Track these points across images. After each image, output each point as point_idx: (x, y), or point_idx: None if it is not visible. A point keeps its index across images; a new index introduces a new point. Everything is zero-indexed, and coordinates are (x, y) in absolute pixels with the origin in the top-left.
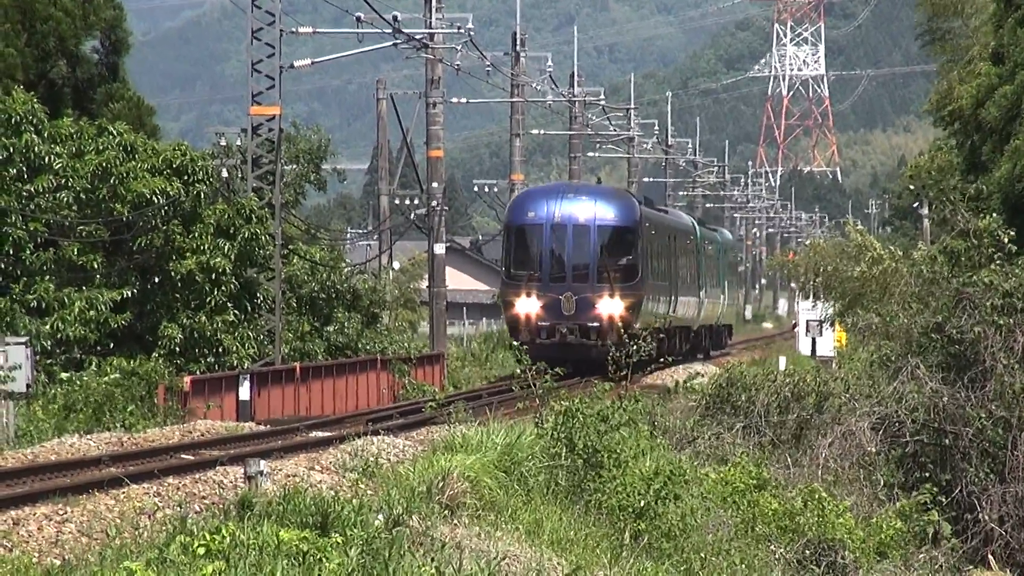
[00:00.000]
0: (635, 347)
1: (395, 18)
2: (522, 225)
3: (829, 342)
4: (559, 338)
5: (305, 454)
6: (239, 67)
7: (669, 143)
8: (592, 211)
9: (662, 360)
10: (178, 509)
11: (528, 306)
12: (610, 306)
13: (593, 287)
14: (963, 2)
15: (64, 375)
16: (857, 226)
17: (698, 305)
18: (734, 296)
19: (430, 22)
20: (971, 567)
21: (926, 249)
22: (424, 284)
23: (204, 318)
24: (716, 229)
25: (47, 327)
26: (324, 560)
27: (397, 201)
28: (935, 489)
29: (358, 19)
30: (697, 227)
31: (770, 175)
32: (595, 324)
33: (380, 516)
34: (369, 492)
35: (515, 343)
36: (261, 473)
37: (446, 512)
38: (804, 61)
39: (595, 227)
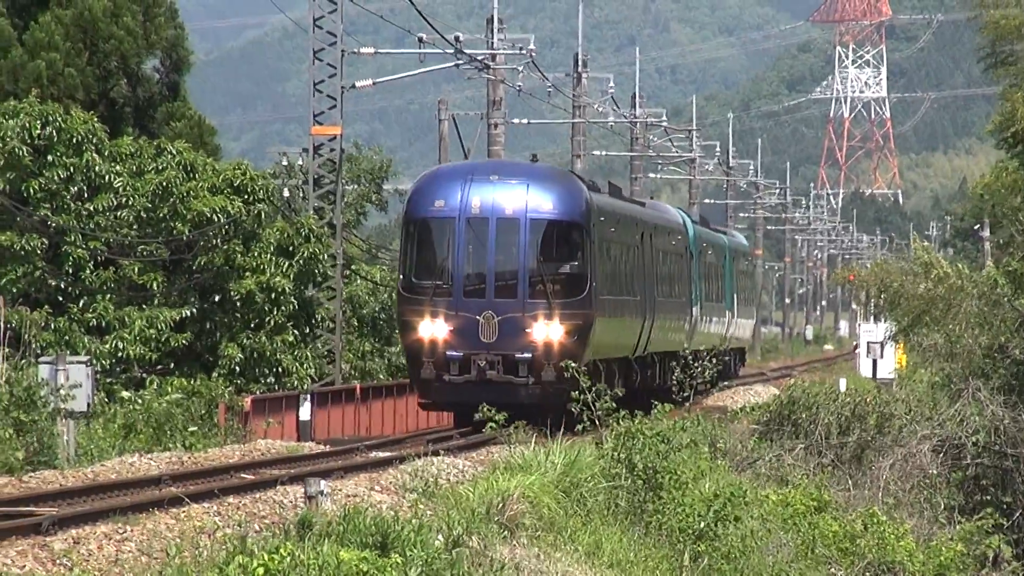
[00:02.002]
0: (701, 368)
1: (457, 39)
2: (426, 218)
3: (890, 363)
4: (476, 374)
5: (365, 474)
6: (301, 87)
7: (730, 165)
8: (523, 199)
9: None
10: (238, 528)
11: (434, 330)
12: (547, 330)
13: (524, 304)
14: None
15: (124, 394)
16: (924, 244)
17: (689, 325)
18: (748, 313)
19: (492, 43)
20: None
21: (991, 269)
22: None
23: (264, 338)
24: (722, 230)
25: (107, 346)
26: None
27: None
28: (996, 512)
29: (420, 40)
30: (689, 225)
31: (831, 197)
32: (525, 355)
33: (440, 536)
34: (429, 512)
35: (416, 381)
36: (321, 493)
37: (505, 533)
38: (866, 83)
39: (527, 221)
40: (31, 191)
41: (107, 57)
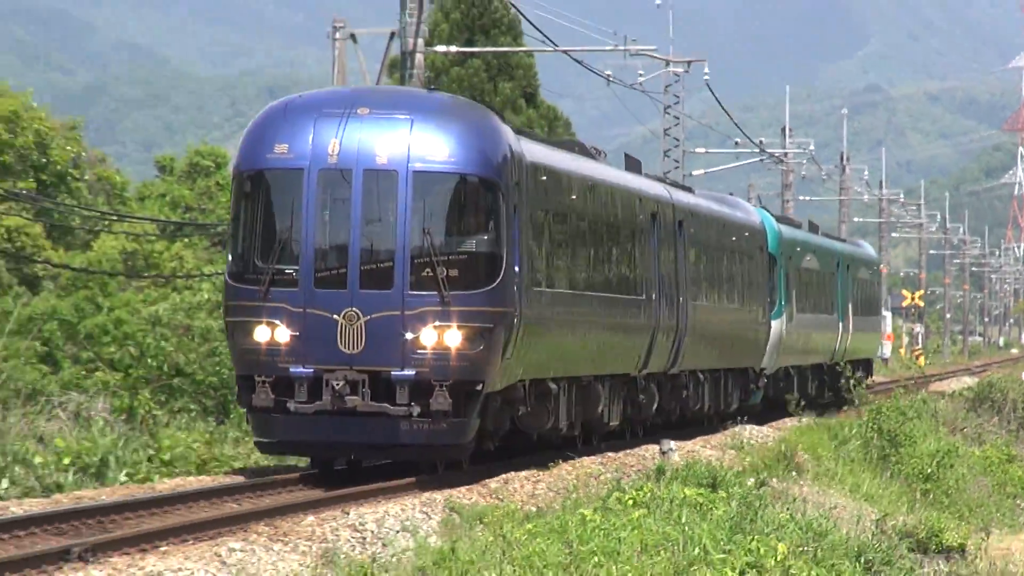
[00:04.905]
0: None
1: (760, 142)
2: (261, 170)
3: None
4: (332, 401)
5: (700, 437)
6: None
7: (947, 227)
8: (404, 142)
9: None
10: (616, 474)
11: (272, 336)
12: (438, 336)
13: (403, 298)
14: None
15: None
16: None
17: (768, 338)
18: (871, 325)
19: (784, 144)
20: None
21: None
22: None
23: None
24: (840, 239)
25: None
26: (713, 508)
27: None
28: None
29: (736, 143)
30: (772, 226)
31: (1016, 249)
32: (407, 373)
33: (751, 479)
34: (743, 463)
35: (248, 412)
36: (671, 449)
37: (794, 476)
38: None
39: (408, 174)
40: None
41: None
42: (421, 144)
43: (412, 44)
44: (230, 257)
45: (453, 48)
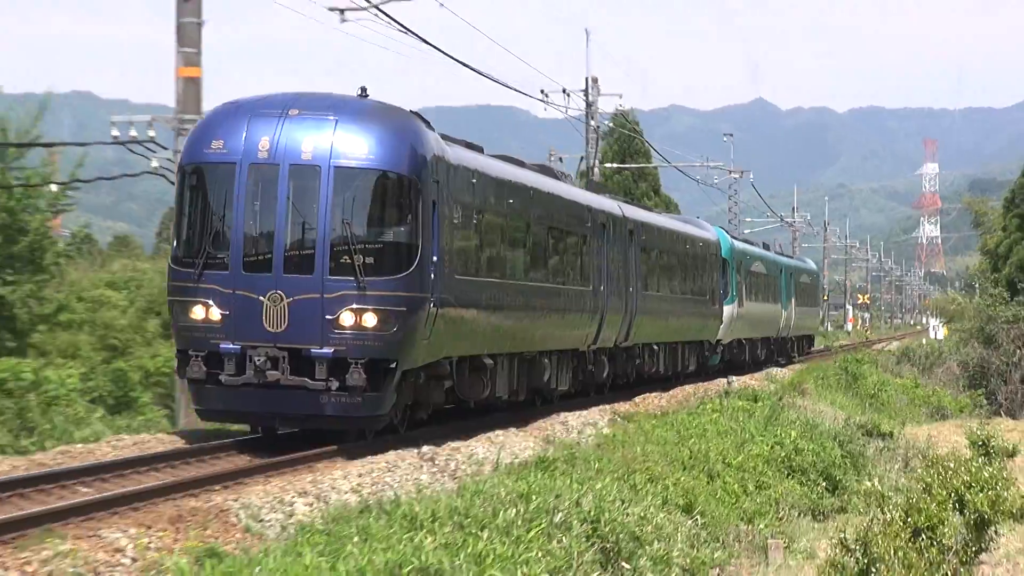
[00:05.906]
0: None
1: (781, 216)
2: (199, 164)
3: (941, 333)
4: (256, 375)
5: (749, 373)
6: None
7: (881, 260)
8: (328, 140)
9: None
10: (697, 396)
11: (205, 315)
12: (354, 318)
13: (323, 282)
14: None
15: None
16: (952, 292)
17: (722, 317)
18: (812, 312)
19: (794, 216)
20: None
21: (979, 300)
22: None
23: None
24: (788, 255)
25: None
26: (755, 412)
27: None
28: (981, 388)
29: (767, 216)
30: (725, 240)
31: (919, 272)
32: (325, 351)
33: (775, 396)
34: (770, 387)
35: (187, 380)
36: (731, 381)
37: (799, 394)
38: (931, 230)
39: (330, 169)
40: None
41: None
42: (344, 142)
43: (592, 162)
44: (174, 243)
45: (614, 164)
